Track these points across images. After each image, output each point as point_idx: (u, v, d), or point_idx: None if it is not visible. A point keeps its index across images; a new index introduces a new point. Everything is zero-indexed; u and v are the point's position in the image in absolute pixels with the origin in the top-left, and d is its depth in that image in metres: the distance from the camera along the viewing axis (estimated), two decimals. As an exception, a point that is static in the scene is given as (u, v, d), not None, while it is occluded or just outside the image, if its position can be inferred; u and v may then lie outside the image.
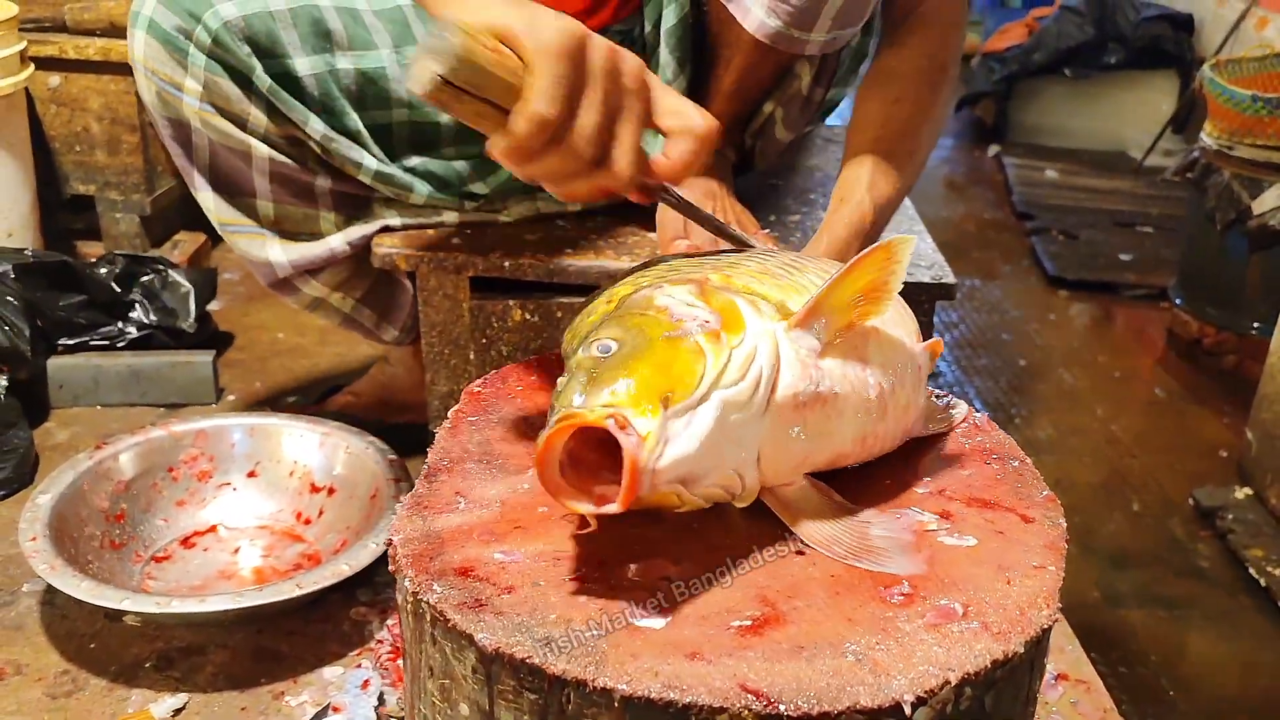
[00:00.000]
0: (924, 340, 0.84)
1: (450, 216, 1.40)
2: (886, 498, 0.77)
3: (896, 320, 0.79)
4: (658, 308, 0.72)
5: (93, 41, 2.04)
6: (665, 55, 1.26)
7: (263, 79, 1.25)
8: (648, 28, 1.30)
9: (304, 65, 1.27)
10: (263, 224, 1.36)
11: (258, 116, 1.27)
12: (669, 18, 1.24)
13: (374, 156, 1.32)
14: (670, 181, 0.82)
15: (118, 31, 2.03)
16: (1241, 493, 1.97)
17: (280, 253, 1.37)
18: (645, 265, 0.85)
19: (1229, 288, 2.51)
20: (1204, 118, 2.57)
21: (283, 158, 1.31)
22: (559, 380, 0.69)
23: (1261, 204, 2.39)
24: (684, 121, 0.79)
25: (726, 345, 0.68)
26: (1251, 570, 1.77)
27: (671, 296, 0.73)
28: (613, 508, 0.62)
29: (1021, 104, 4.09)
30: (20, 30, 1.94)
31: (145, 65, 1.25)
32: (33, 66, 1.95)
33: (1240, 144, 2.42)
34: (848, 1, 1.08)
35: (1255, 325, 2.45)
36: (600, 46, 0.76)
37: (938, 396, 0.89)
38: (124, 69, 2.06)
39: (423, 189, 1.36)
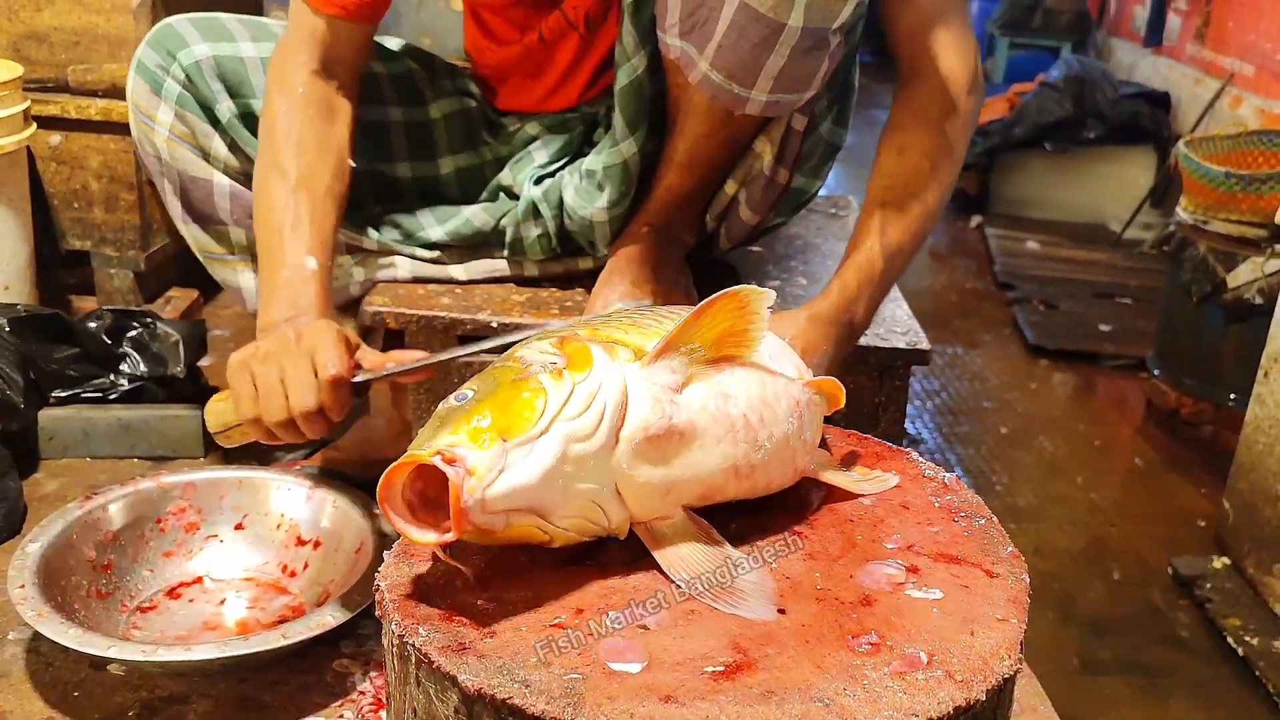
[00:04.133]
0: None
1: (404, 266, 1.46)
2: (858, 552, 0.79)
3: (773, 358, 0.82)
4: (515, 358, 0.78)
5: (94, 102, 2.09)
6: (617, 116, 1.30)
7: (225, 111, 1.35)
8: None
9: None
10: (235, 250, 1.45)
11: (219, 149, 1.38)
12: (621, 78, 1.27)
13: None
14: (339, 415, 1.12)
15: (118, 92, 2.08)
16: (1219, 562, 1.99)
17: (251, 281, 1.45)
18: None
19: (1206, 359, 2.55)
20: (1181, 192, 2.64)
21: (242, 189, 1.40)
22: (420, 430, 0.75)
23: (1236, 277, 2.44)
24: (323, 372, 1.09)
25: (570, 381, 0.73)
26: (1230, 639, 1.78)
27: (530, 348, 0.78)
28: (447, 536, 0.68)
29: (1003, 176, 4.17)
30: (24, 90, 1.98)
31: (133, 101, 1.39)
32: (35, 125, 2.00)
33: (1215, 219, 2.48)
34: (790, 64, 1.11)
35: (1232, 396, 2.48)
36: (257, 354, 1.10)
37: (864, 473, 0.90)
38: (123, 129, 2.10)
39: (373, 234, 1.42)
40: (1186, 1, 4.33)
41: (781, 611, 0.72)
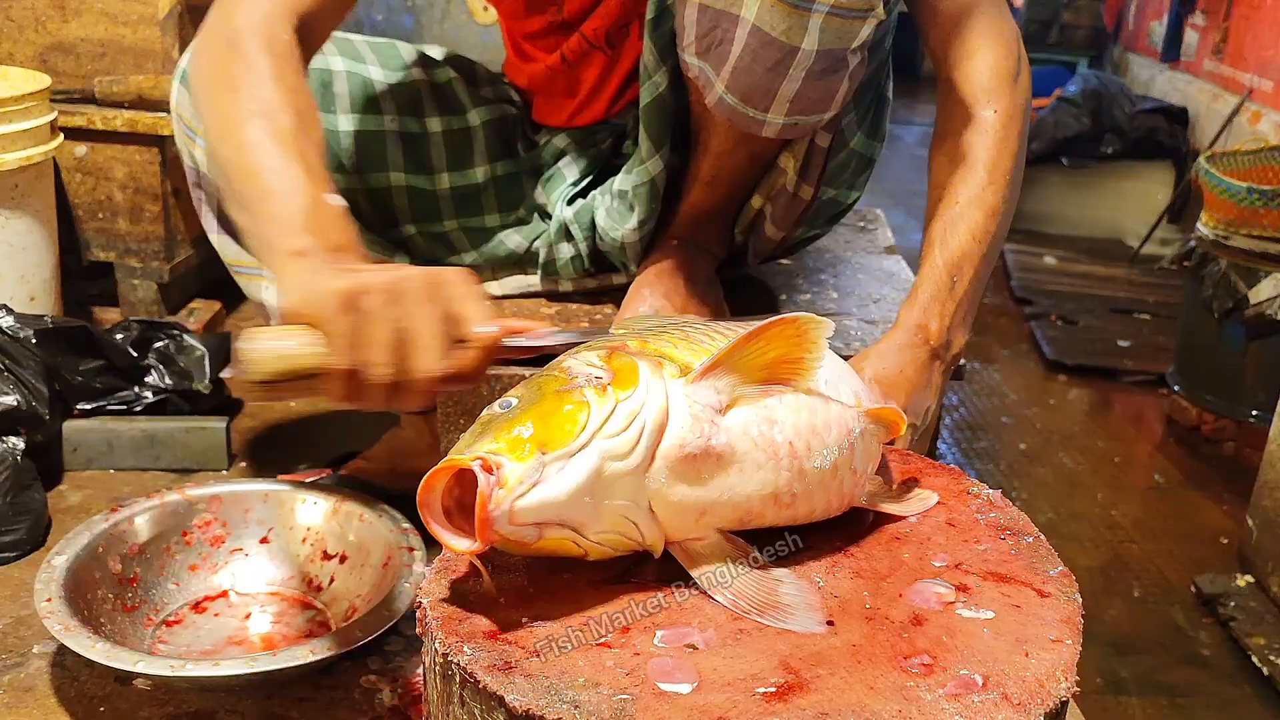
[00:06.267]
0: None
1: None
2: (905, 571, 0.79)
3: (833, 385, 0.81)
4: (561, 369, 0.77)
5: (120, 113, 2.09)
6: (642, 134, 1.28)
7: None
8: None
9: None
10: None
11: None
12: (644, 96, 1.26)
13: (360, 218, 1.36)
14: (459, 384, 0.88)
15: (145, 104, 2.09)
16: (1243, 580, 1.97)
17: (274, 296, 1.40)
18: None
19: (1227, 375, 2.54)
20: (1199, 208, 2.63)
21: None
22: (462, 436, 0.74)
23: (1258, 293, 2.43)
24: (473, 329, 0.86)
25: (613, 397, 0.72)
26: (1254, 659, 1.77)
27: (577, 359, 0.78)
28: (475, 545, 0.68)
29: (1020, 191, 4.16)
30: (51, 101, 1.98)
31: (176, 112, 1.35)
32: (61, 136, 2.00)
33: (1236, 234, 2.47)
34: (806, 87, 1.09)
35: (1253, 413, 2.47)
36: (377, 287, 0.83)
37: (905, 484, 0.90)
38: (149, 140, 2.11)
39: (404, 259, 1.40)
40: (1204, 17, 4.33)
41: (830, 623, 0.71)
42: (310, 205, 0.95)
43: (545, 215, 1.46)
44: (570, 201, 1.42)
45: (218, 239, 1.43)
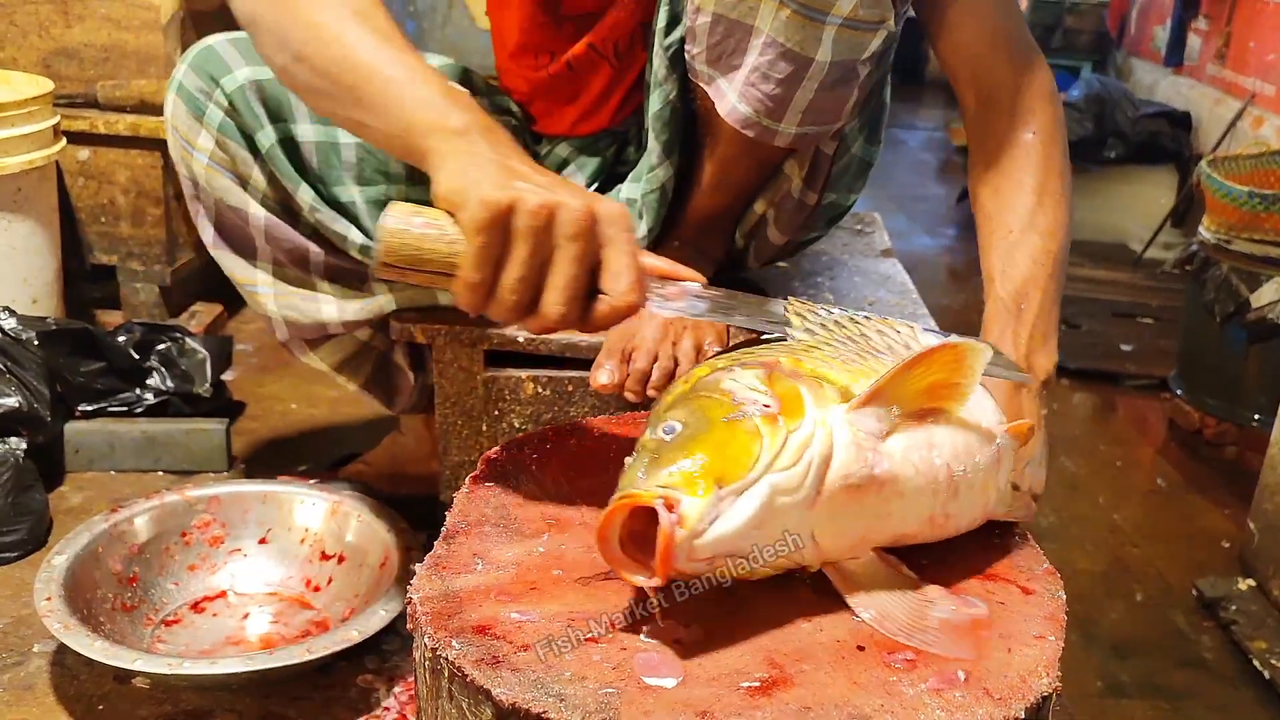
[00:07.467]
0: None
1: (445, 298, 1.42)
2: (892, 568, 0.79)
3: (976, 404, 0.81)
4: (722, 391, 0.75)
5: (123, 118, 2.11)
6: (652, 142, 1.28)
7: (264, 140, 1.30)
8: (646, 122, 1.31)
9: (307, 132, 1.31)
10: (259, 282, 1.40)
11: (258, 179, 1.33)
12: (654, 104, 1.26)
13: (361, 230, 1.35)
14: (585, 330, 0.83)
15: (147, 108, 2.10)
16: (1244, 584, 1.97)
17: (276, 309, 1.40)
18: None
19: (1229, 379, 2.53)
20: (1202, 212, 2.63)
21: (279, 221, 1.35)
22: (626, 460, 0.73)
23: (1259, 297, 2.43)
24: (616, 285, 0.81)
25: (783, 429, 0.71)
26: (1255, 662, 1.76)
27: (737, 381, 0.76)
28: (654, 581, 0.67)
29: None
30: (54, 105, 2.00)
31: (172, 124, 1.33)
32: (64, 140, 2.01)
33: (1238, 238, 2.47)
34: (819, 97, 1.10)
35: (1255, 417, 2.47)
36: (528, 210, 0.78)
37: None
38: (151, 144, 2.13)
39: None
40: (1207, 22, 4.33)
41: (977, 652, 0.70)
42: (445, 87, 0.90)
43: None
44: None
45: (215, 253, 1.41)
